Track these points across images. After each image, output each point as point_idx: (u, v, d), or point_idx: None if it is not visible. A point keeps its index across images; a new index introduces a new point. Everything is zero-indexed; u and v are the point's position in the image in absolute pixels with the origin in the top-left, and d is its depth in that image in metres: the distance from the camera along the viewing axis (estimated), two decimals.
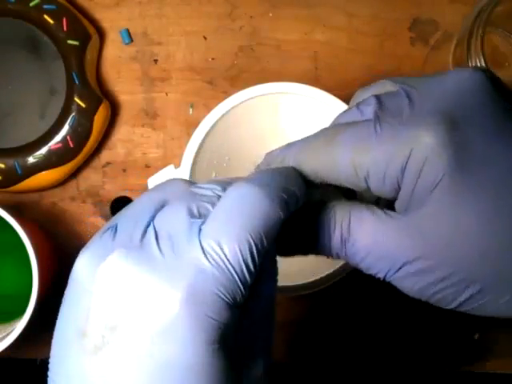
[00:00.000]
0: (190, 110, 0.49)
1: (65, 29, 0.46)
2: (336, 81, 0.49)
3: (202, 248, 0.24)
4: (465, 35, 0.37)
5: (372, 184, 0.28)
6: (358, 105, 0.29)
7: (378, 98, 0.28)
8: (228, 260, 0.24)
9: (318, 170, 0.29)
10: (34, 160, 0.46)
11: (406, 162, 0.26)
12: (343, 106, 0.38)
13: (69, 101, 0.46)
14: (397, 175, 0.27)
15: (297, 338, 0.49)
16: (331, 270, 0.39)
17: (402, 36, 0.49)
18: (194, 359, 0.24)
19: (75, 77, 0.46)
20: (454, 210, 0.26)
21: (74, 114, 0.46)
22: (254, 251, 0.25)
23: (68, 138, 0.46)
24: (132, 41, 0.49)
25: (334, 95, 0.38)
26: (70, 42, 0.46)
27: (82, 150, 0.46)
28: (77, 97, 0.46)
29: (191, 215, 0.25)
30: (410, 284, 0.28)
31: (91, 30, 0.47)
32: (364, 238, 0.28)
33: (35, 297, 0.41)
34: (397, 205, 0.28)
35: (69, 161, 0.46)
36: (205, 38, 0.49)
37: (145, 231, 0.25)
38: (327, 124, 0.31)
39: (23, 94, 0.47)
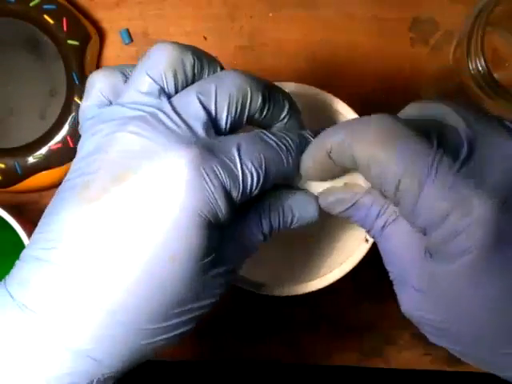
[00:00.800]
0: None
1: (65, 29, 0.46)
2: (336, 81, 0.49)
3: (223, 140, 0.27)
4: (465, 35, 0.37)
5: (402, 211, 0.28)
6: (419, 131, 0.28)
7: (440, 135, 0.27)
8: (241, 164, 0.27)
9: (371, 169, 0.28)
10: (34, 160, 0.46)
11: (445, 219, 0.26)
12: (343, 106, 0.38)
13: (69, 101, 0.46)
14: (429, 224, 0.27)
15: (294, 339, 0.49)
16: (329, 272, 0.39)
17: (402, 36, 0.49)
18: (184, 224, 0.25)
19: (75, 77, 0.46)
20: (473, 282, 0.26)
21: (74, 113, 0.46)
22: (262, 173, 0.27)
23: (68, 138, 0.46)
24: (132, 41, 0.49)
25: (334, 95, 0.38)
26: (69, 42, 0.46)
27: None
28: (77, 97, 0.46)
29: (209, 113, 0.27)
30: (405, 301, 0.29)
31: (91, 30, 0.47)
32: (391, 240, 0.29)
33: None
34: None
35: (69, 161, 0.46)
36: (205, 38, 0.49)
37: (158, 102, 0.27)
38: (327, 124, 0.31)
39: (23, 94, 0.47)
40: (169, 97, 0.28)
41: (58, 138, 0.46)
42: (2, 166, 0.46)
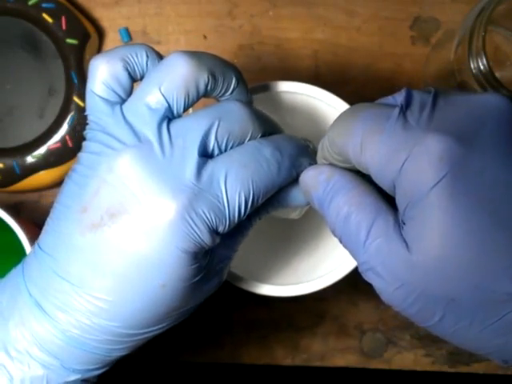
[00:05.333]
0: (190, 109, 0.48)
1: (63, 28, 0.45)
2: (336, 80, 0.48)
3: (212, 176, 0.28)
4: (466, 34, 0.37)
5: (372, 173, 0.27)
6: (394, 94, 0.29)
7: (409, 90, 0.28)
8: (227, 200, 0.28)
9: (335, 141, 0.29)
10: (33, 160, 0.46)
11: (404, 163, 0.26)
12: (344, 105, 0.38)
13: (68, 100, 0.46)
14: (394, 174, 0.26)
15: (294, 340, 0.49)
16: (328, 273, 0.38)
17: (403, 35, 0.48)
18: (171, 260, 0.28)
19: (74, 76, 0.46)
20: (440, 226, 0.25)
21: (72, 113, 0.46)
22: (250, 201, 0.29)
23: (67, 137, 0.46)
24: (131, 40, 0.49)
25: (335, 94, 0.38)
26: (68, 41, 0.46)
27: None
28: (76, 96, 0.46)
29: (207, 136, 0.29)
30: (378, 285, 0.27)
31: (90, 28, 0.47)
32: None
33: None
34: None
35: (68, 160, 0.46)
36: (205, 37, 0.49)
37: (159, 130, 0.29)
38: (327, 123, 0.31)
39: (22, 93, 0.47)
40: (178, 114, 0.30)
41: (57, 137, 0.46)
42: (1, 165, 0.46)
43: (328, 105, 0.38)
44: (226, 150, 0.30)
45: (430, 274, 0.25)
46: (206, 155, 0.29)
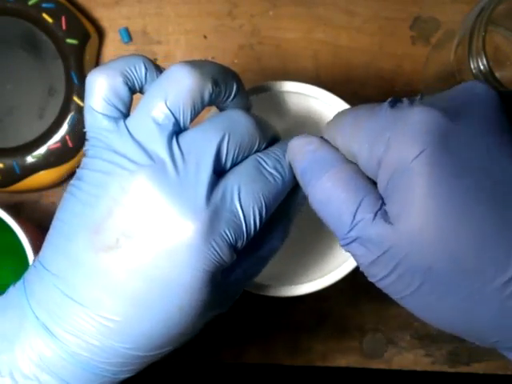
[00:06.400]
0: None
1: (64, 28, 0.45)
2: (336, 80, 0.48)
3: (224, 192, 0.28)
4: (466, 34, 0.37)
5: (360, 160, 0.28)
6: None
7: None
8: (244, 215, 0.28)
9: (329, 131, 0.30)
10: (33, 159, 0.46)
11: (389, 139, 0.26)
12: (344, 105, 0.38)
13: (68, 100, 0.46)
14: (381, 153, 0.26)
15: (294, 340, 0.49)
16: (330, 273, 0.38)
17: (403, 35, 0.48)
18: (191, 282, 0.28)
19: (74, 76, 0.46)
20: (421, 194, 0.25)
21: (73, 113, 0.46)
22: (263, 213, 0.29)
23: (67, 137, 0.46)
24: (131, 40, 0.49)
25: (335, 94, 0.38)
26: (68, 41, 0.46)
27: (82, 150, 0.46)
28: (76, 96, 0.46)
29: (219, 149, 0.29)
30: (360, 254, 0.27)
31: (90, 28, 0.47)
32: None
33: None
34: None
35: (68, 160, 0.46)
36: (205, 37, 0.49)
37: (169, 147, 0.28)
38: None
39: (22, 93, 0.47)
40: (184, 127, 0.29)
41: (57, 137, 0.46)
42: (1, 165, 0.46)
43: (328, 105, 0.38)
44: (236, 162, 0.29)
45: (411, 242, 0.25)
46: (218, 169, 0.29)
